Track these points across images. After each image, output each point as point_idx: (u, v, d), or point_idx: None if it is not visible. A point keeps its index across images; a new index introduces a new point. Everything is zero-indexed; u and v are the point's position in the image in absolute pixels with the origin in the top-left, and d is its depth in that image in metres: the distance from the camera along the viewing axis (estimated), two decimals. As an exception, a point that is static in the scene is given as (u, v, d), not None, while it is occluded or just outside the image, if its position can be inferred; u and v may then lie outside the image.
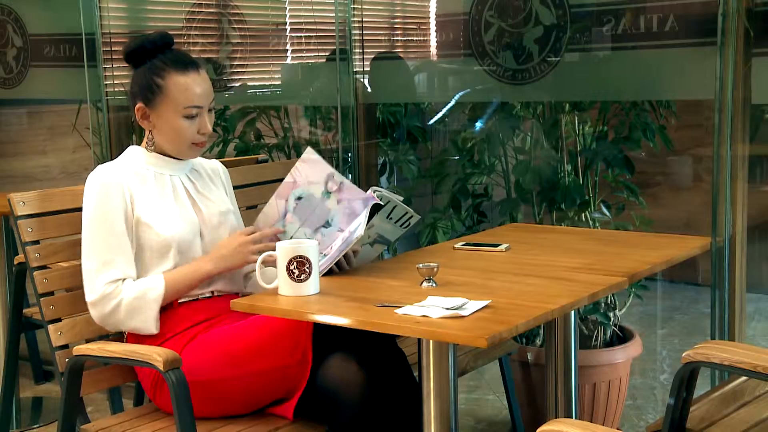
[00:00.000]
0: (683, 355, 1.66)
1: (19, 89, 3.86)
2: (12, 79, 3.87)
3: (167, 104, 2.07)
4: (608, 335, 2.96)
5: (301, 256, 1.79)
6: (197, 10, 3.49)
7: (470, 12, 2.86)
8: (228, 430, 1.98)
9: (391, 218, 2.03)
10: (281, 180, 2.74)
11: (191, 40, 3.48)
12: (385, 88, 3.27)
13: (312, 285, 1.81)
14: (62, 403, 2.01)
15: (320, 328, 1.93)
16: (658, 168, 4.24)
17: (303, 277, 1.80)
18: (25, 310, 3.00)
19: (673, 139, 3.02)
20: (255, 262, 1.96)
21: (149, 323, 2.02)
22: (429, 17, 3.19)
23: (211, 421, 2.02)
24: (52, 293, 2.09)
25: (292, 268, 1.80)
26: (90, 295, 2.01)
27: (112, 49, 3.52)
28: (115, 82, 3.55)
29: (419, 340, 1.77)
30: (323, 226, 2.12)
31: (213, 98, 2.13)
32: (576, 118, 2.97)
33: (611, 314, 2.95)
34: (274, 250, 1.86)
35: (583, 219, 2.94)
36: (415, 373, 1.92)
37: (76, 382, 2.02)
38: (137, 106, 2.10)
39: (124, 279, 2.02)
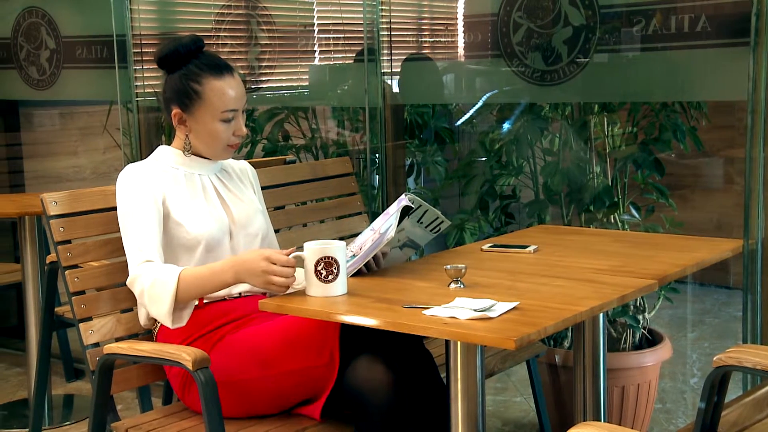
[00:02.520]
0: (714, 358, 1.65)
1: (52, 90, 3.91)
2: (45, 80, 3.92)
3: (205, 109, 2.09)
4: (637, 338, 2.94)
5: (328, 257, 1.79)
6: (226, 11, 3.51)
7: (499, 13, 2.86)
8: (256, 430, 1.99)
9: (421, 222, 2.02)
10: (309, 181, 2.76)
11: (220, 42, 3.50)
12: (413, 89, 3.27)
13: (339, 286, 1.81)
14: (93, 401, 2.03)
15: (348, 329, 1.93)
16: (688, 170, 4.20)
17: (330, 277, 1.80)
18: (56, 309, 3.03)
19: (704, 140, 2.99)
20: (275, 292, 1.90)
21: (164, 317, 1.99)
22: (457, 18, 3.19)
23: (239, 420, 2.03)
24: (83, 292, 2.11)
25: (319, 268, 1.80)
26: (128, 279, 2.04)
27: (143, 50, 3.56)
28: (146, 83, 3.58)
29: (447, 341, 1.77)
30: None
31: (246, 100, 2.15)
32: (605, 119, 2.95)
33: (640, 317, 2.92)
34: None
35: (612, 221, 2.92)
36: (443, 375, 1.92)
37: (106, 381, 2.04)
38: (174, 111, 2.12)
39: (150, 262, 2.02)
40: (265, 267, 1.88)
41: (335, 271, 1.79)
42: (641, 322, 2.93)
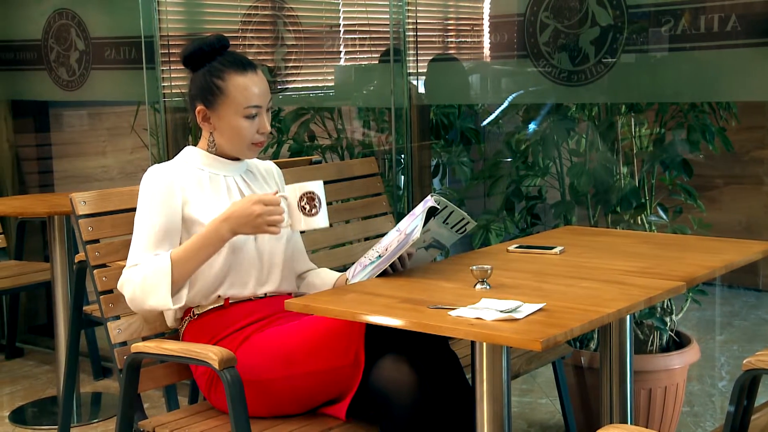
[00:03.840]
0: (744, 361, 1.63)
1: (81, 91, 3.95)
2: (74, 81, 3.96)
3: (228, 105, 2.10)
4: (664, 340, 2.91)
5: (310, 192, 1.93)
6: (253, 12, 3.53)
7: (525, 13, 2.84)
8: (281, 430, 2.00)
9: (447, 223, 2.02)
10: (334, 181, 2.77)
11: (247, 42, 3.52)
12: (439, 90, 3.27)
13: (322, 218, 1.95)
14: (121, 399, 2.05)
15: (373, 330, 1.93)
16: (717, 171, 4.16)
17: (314, 211, 1.93)
18: (85, 308, 3.06)
19: (734, 141, 2.96)
20: (270, 233, 1.98)
21: (164, 300, 1.99)
22: (483, 18, 3.18)
23: (265, 420, 2.04)
24: (111, 291, 2.13)
25: (303, 204, 1.92)
26: (118, 282, 2.04)
27: (170, 51, 3.58)
28: (173, 84, 3.61)
29: (473, 342, 1.77)
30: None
31: (271, 98, 2.15)
32: (632, 119, 2.92)
33: (668, 319, 2.90)
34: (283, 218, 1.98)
35: (639, 222, 2.90)
36: (468, 376, 1.92)
37: (134, 379, 2.05)
38: (198, 108, 2.13)
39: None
40: (260, 210, 1.96)
41: (318, 205, 1.94)
42: (668, 324, 2.90)
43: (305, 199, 1.93)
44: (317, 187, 1.94)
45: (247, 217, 1.97)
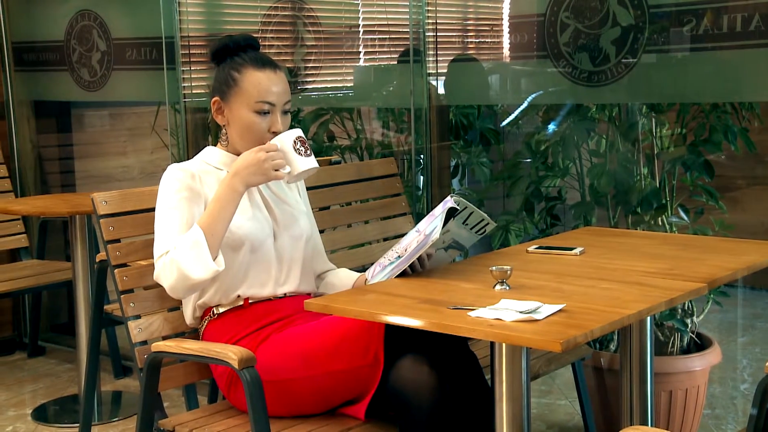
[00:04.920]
0: (766, 364, 1.61)
1: (102, 92, 3.98)
2: (96, 82, 3.99)
3: (240, 97, 2.11)
4: (685, 342, 2.90)
5: (300, 136, 2.06)
6: (273, 13, 3.54)
7: (546, 13, 2.83)
8: (300, 429, 2.00)
9: (467, 224, 2.02)
10: (354, 181, 2.77)
11: (267, 43, 3.53)
12: (458, 90, 3.26)
13: (314, 158, 2.07)
14: (141, 398, 2.06)
15: (392, 330, 1.93)
16: (739, 171, 4.13)
17: (308, 152, 2.06)
18: (105, 307, 3.08)
19: (756, 141, 2.93)
20: (276, 177, 2.05)
21: (210, 266, 1.98)
22: (503, 18, 3.17)
23: (284, 419, 2.04)
24: (131, 290, 2.15)
25: (297, 147, 2.05)
26: (155, 273, 2.04)
27: (191, 52, 3.60)
28: (193, 84, 3.63)
29: (492, 343, 1.76)
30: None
31: (288, 100, 2.15)
32: (653, 120, 2.91)
33: (689, 321, 2.88)
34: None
35: (660, 223, 2.88)
36: (487, 377, 1.91)
37: (154, 378, 2.06)
38: (213, 99, 2.15)
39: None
40: (265, 156, 2.03)
41: (309, 146, 2.07)
42: (689, 325, 2.88)
43: (299, 143, 2.05)
44: (300, 132, 2.07)
45: (256, 165, 2.02)
